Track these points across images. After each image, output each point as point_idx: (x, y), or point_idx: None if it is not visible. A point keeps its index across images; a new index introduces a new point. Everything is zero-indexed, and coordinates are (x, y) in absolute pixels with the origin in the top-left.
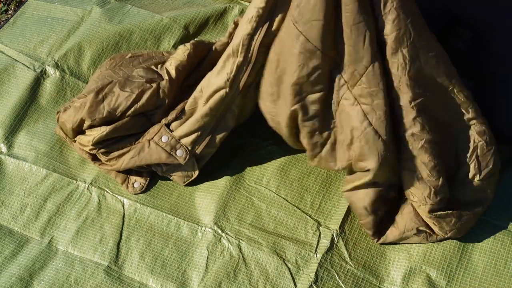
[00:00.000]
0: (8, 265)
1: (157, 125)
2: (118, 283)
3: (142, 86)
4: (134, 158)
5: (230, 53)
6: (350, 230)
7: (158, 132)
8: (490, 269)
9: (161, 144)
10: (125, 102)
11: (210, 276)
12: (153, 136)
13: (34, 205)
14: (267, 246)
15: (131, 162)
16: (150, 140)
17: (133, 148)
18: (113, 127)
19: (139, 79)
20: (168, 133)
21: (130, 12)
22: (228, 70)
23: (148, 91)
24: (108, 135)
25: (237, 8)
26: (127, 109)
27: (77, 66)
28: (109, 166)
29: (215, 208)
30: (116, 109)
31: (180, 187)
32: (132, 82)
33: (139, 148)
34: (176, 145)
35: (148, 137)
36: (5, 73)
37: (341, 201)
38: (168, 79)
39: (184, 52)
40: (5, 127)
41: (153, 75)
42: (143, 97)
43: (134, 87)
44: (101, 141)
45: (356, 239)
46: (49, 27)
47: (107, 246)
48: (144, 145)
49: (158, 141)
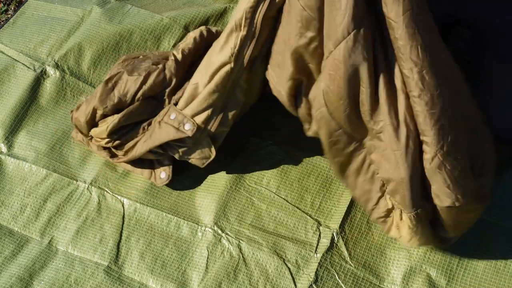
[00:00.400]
0: (8, 265)
1: (166, 107)
2: (118, 283)
3: (148, 69)
4: (146, 142)
5: (232, 27)
6: (350, 229)
7: (167, 112)
8: (490, 269)
9: (169, 122)
10: (134, 86)
11: (210, 276)
12: (162, 117)
13: (34, 205)
14: (267, 246)
15: (145, 146)
16: (160, 121)
17: (146, 134)
18: (125, 113)
19: (147, 63)
20: (175, 110)
21: (130, 12)
22: (232, 45)
23: (154, 72)
24: (121, 122)
25: None
26: (136, 92)
27: (77, 66)
28: (126, 158)
29: (215, 208)
30: (126, 94)
31: (180, 187)
32: (139, 67)
33: (151, 131)
34: (184, 119)
35: (158, 119)
36: (5, 73)
37: (341, 200)
38: (174, 60)
39: (191, 37)
40: (5, 127)
41: (159, 59)
42: (149, 78)
43: (142, 71)
44: (115, 130)
45: (356, 238)
46: (49, 27)
47: (107, 246)
48: (154, 127)
49: (167, 120)
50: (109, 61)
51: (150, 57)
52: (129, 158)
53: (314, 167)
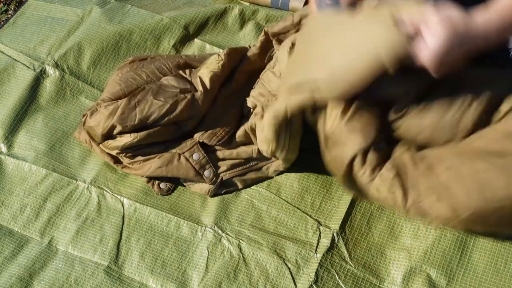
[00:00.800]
0: (8, 265)
1: (190, 140)
2: (118, 283)
3: (176, 97)
4: (161, 168)
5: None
6: (351, 229)
7: (191, 149)
8: (491, 269)
9: (191, 161)
10: (158, 111)
11: (210, 276)
12: (184, 151)
13: (34, 205)
14: (267, 246)
15: (157, 172)
16: (181, 154)
17: (161, 157)
18: (145, 135)
19: (173, 89)
20: (200, 151)
21: (130, 12)
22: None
23: (182, 102)
24: (139, 142)
25: (237, 8)
26: (160, 118)
27: (77, 65)
28: (133, 170)
29: (215, 210)
30: (148, 117)
31: (180, 187)
32: (165, 91)
33: (168, 159)
34: (206, 165)
35: (180, 150)
36: (5, 73)
37: (342, 201)
38: (203, 91)
39: (219, 63)
40: (5, 127)
41: (186, 85)
42: (177, 108)
43: (168, 97)
44: (130, 147)
45: (356, 239)
46: (49, 27)
47: (107, 246)
48: (173, 158)
49: (189, 157)
50: (108, 61)
51: (160, 58)
52: (137, 173)
53: (314, 167)
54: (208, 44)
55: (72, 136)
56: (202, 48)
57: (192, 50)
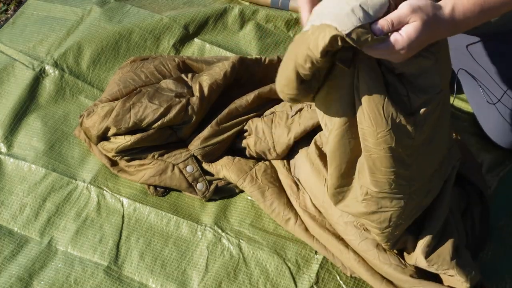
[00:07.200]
0: (8, 265)
1: (185, 151)
2: (118, 283)
3: (170, 101)
4: (154, 177)
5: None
6: None
7: (185, 161)
8: (490, 269)
9: (185, 173)
10: (152, 115)
11: (210, 276)
12: (179, 162)
13: (33, 205)
14: (267, 246)
15: (150, 180)
16: (175, 165)
17: (155, 164)
18: (138, 138)
19: (168, 93)
20: (194, 164)
21: (130, 12)
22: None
23: (176, 106)
24: (132, 145)
25: (237, 8)
26: (153, 121)
27: (77, 65)
28: (127, 175)
29: (215, 210)
30: (142, 120)
31: None
32: (161, 94)
33: (162, 169)
34: (199, 178)
35: (174, 161)
36: (4, 73)
37: None
38: (199, 97)
39: (221, 71)
40: (4, 127)
41: (183, 89)
42: (170, 112)
43: (163, 101)
44: (125, 150)
45: None
46: (48, 26)
47: (107, 246)
48: (167, 168)
49: (183, 169)
50: (108, 61)
51: (160, 57)
52: (131, 179)
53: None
54: (208, 43)
55: (71, 136)
56: (202, 48)
57: (192, 49)
